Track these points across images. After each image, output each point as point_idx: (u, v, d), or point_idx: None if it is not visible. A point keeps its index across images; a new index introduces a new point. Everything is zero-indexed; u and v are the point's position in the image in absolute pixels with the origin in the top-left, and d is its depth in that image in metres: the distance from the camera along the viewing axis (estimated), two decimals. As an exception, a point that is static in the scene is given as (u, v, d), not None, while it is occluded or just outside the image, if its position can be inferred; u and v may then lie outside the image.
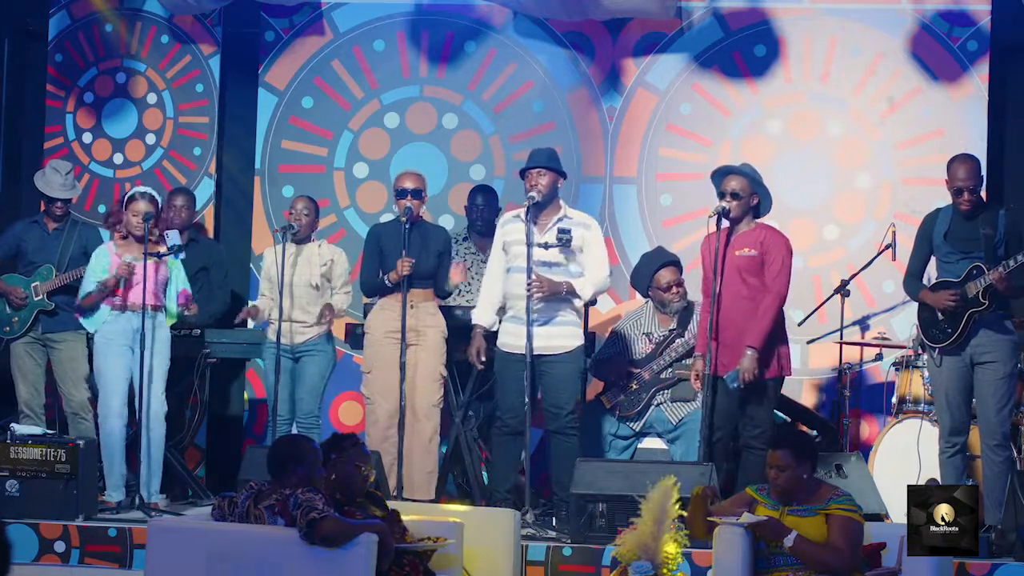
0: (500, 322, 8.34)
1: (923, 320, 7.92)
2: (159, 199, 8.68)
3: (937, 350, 7.80)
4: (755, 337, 7.80)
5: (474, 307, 8.66)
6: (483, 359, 8.30)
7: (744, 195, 7.95)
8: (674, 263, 8.90)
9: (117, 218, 8.61)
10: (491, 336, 8.36)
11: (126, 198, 8.61)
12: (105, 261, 8.54)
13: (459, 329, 8.55)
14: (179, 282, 8.60)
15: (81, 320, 8.61)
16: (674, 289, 8.81)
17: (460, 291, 9.29)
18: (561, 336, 8.18)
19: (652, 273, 8.94)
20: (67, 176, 9.17)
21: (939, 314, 7.79)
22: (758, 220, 8.03)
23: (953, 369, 7.78)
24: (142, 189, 8.69)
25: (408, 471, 8.23)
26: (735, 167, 8.14)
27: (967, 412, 7.83)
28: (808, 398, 9.55)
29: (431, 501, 8.15)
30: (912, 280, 8.02)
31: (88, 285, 8.53)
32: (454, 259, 8.79)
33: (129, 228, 8.50)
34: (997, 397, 7.70)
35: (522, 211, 8.29)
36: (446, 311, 8.60)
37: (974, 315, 7.69)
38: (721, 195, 7.97)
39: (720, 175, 8.07)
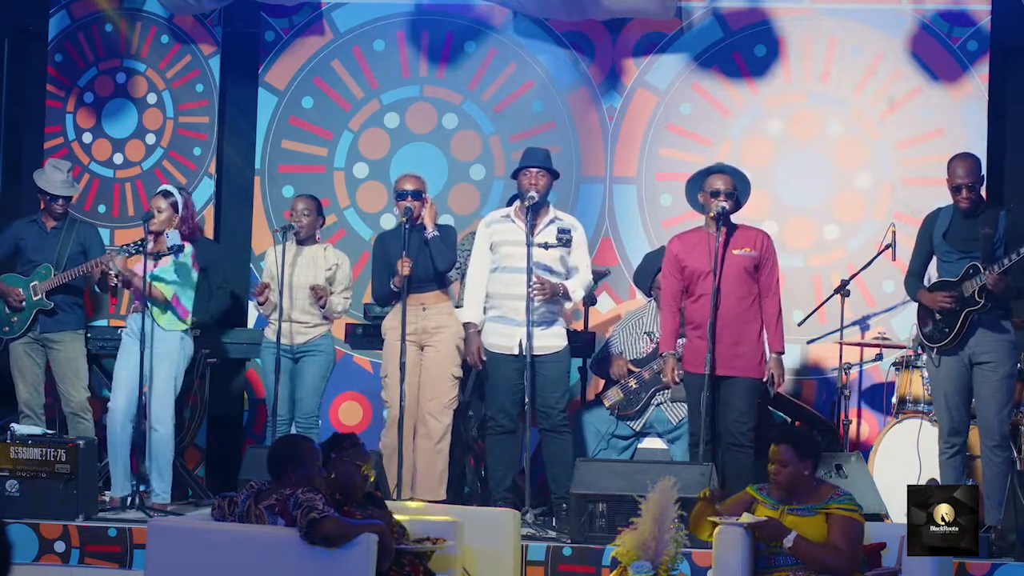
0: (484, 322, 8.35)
1: (921, 320, 7.93)
2: (178, 197, 8.67)
3: (935, 350, 7.81)
4: (779, 342, 7.97)
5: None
6: (484, 359, 8.30)
7: (735, 192, 8.00)
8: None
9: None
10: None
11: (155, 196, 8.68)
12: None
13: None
14: (172, 289, 8.57)
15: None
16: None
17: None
18: (550, 336, 8.22)
19: (654, 275, 8.95)
20: (68, 174, 9.17)
21: (936, 314, 7.80)
22: (734, 218, 8.07)
23: (952, 369, 7.79)
24: (167, 188, 8.72)
25: (417, 472, 8.21)
26: (716, 166, 8.19)
27: (966, 413, 7.84)
28: (808, 398, 9.55)
29: (441, 502, 8.12)
30: (913, 280, 8.03)
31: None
32: (468, 254, 8.87)
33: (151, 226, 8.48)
34: (997, 398, 7.70)
35: (511, 211, 8.32)
36: None
37: (971, 314, 7.69)
38: (715, 194, 7.97)
39: (703, 176, 8.08)
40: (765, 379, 7.96)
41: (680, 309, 8.06)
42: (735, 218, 8.08)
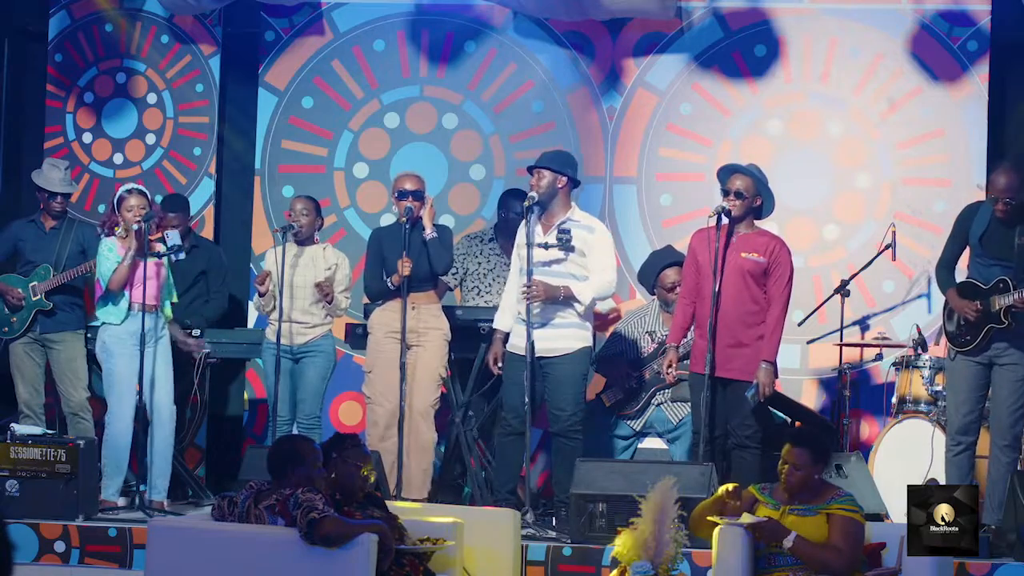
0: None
1: (947, 318, 7.91)
2: (150, 196, 8.65)
3: (955, 354, 7.80)
4: (769, 351, 7.83)
5: (471, 307, 8.69)
6: (500, 364, 8.27)
7: (748, 195, 7.92)
8: (681, 264, 8.88)
9: (113, 221, 8.54)
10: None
11: (116, 198, 8.56)
12: (115, 254, 8.47)
13: (457, 329, 8.55)
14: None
15: (102, 312, 8.49)
16: (677, 290, 8.80)
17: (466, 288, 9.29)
18: (563, 338, 8.14)
19: (658, 272, 8.95)
20: (66, 172, 9.16)
21: (961, 319, 7.77)
22: (759, 224, 8.02)
23: (968, 368, 7.76)
24: (129, 186, 8.64)
25: (404, 470, 8.22)
26: (743, 166, 8.12)
27: (979, 411, 7.80)
28: (808, 398, 9.55)
29: (425, 500, 8.14)
30: (944, 272, 7.95)
31: (108, 274, 8.42)
32: (471, 255, 8.89)
33: (127, 226, 8.43)
34: (1013, 398, 7.68)
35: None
36: (446, 312, 8.60)
37: (993, 329, 7.68)
38: (725, 193, 7.96)
39: (727, 172, 8.05)
40: (749, 391, 7.82)
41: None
42: (761, 223, 8.03)
